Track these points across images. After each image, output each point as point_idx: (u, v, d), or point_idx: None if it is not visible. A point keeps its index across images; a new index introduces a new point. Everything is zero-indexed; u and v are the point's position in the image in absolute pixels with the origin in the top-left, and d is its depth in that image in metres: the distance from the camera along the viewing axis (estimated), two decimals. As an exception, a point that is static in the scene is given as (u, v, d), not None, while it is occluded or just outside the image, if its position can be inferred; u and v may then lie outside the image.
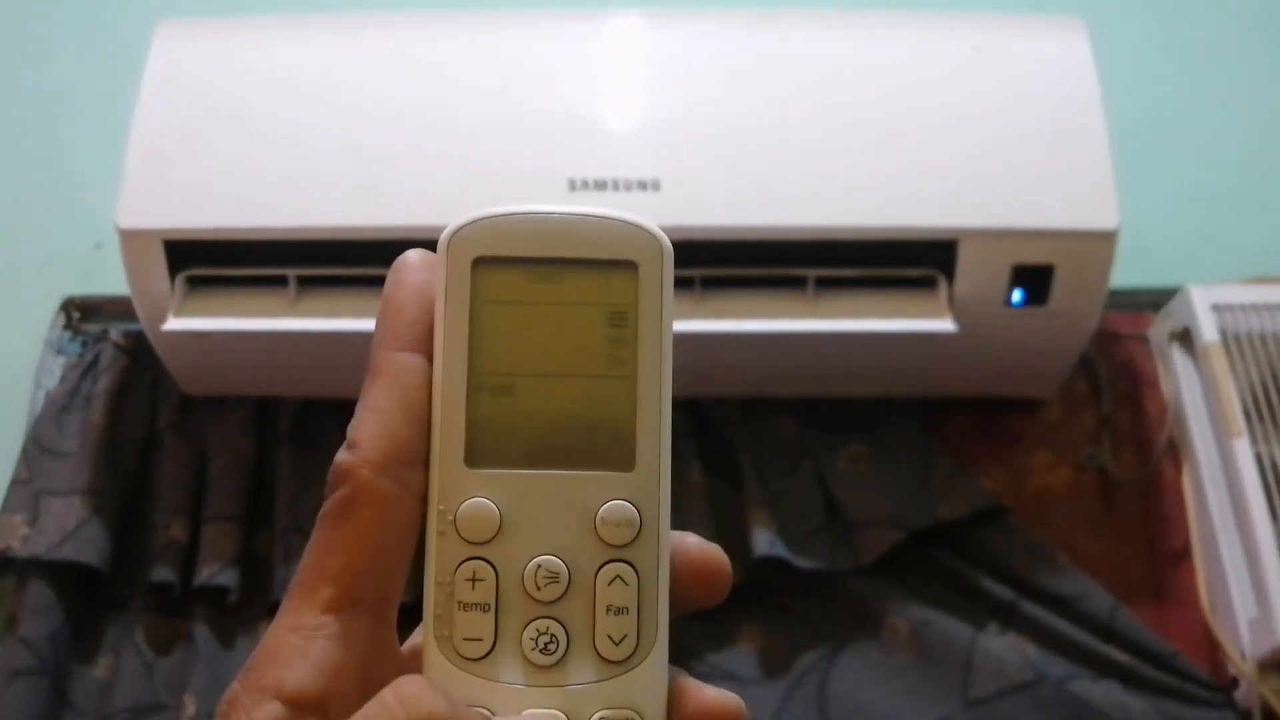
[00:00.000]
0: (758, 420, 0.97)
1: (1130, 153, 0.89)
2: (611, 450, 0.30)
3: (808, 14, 0.93)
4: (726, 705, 0.30)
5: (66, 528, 0.90)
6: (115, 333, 1.00)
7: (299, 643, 0.28)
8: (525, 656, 0.29)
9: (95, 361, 0.99)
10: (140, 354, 0.99)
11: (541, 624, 0.29)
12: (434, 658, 0.29)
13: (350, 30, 0.93)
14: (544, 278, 0.30)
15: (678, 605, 0.30)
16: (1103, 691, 0.88)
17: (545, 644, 0.29)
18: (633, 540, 0.30)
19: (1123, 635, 0.90)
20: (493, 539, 0.29)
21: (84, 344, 1.01)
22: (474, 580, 0.29)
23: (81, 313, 1.03)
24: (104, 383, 0.97)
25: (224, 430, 0.96)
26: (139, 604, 0.91)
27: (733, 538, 0.92)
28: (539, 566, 0.29)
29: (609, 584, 0.29)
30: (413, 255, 0.31)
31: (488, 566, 0.29)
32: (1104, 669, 0.89)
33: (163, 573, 0.90)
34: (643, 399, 0.30)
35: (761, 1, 1.16)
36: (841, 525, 0.93)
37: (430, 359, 0.30)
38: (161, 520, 0.92)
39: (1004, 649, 0.89)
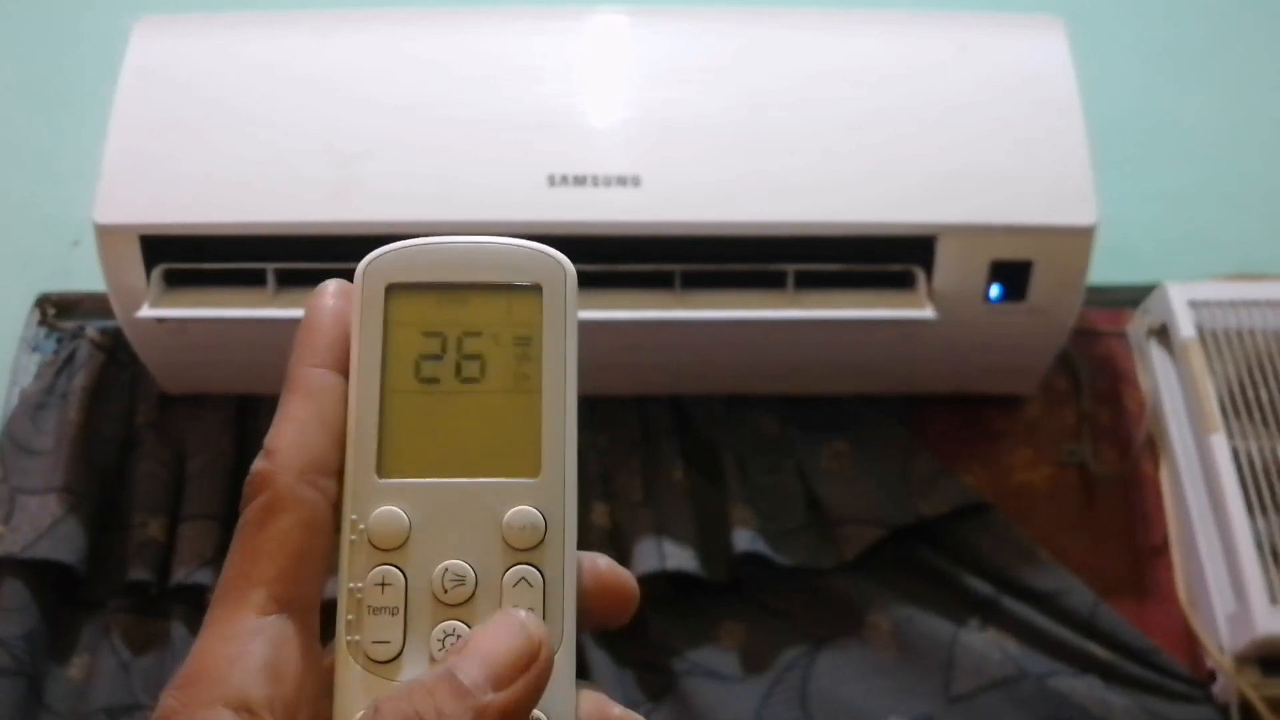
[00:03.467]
0: (740, 418, 0.97)
1: (1109, 150, 0.89)
2: (517, 459, 0.32)
3: (789, 12, 0.93)
4: None
5: (42, 526, 0.90)
6: (92, 330, 0.99)
7: (235, 650, 0.28)
8: (433, 657, 0.30)
9: (71, 358, 0.98)
10: (117, 351, 0.98)
11: (448, 625, 0.31)
12: (344, 662, 0.30)
13: (329, 26, 0.93)
14: (453, 301, 0.32)
15: (585, 619, 0.32)
16: (1083, 687, 0.88)
17: (452, 644, 0.30)
18: (538, 544, 0.31)
19: (1103, 631, 0.90)
20: (402, 546, 0.31)
21: (60, 341, 1.00)
22: (383, 585, 0.31)
23: (57, 309, 1.02)
24: (80, 380, 0.96)
25: (203, 429, 0.95)
26: (116, 603, 0.90)
27: (714, 535, 0.92)
28: (446, 570, 0.31)
29: (514, 586, 0.31)
30: (331, 284, 0.33)
31: (397, 572, 0.31)
32: (1084, 665, 0.89)
33: (140, 572, 0.89)
34: (547, 411, 0.32)
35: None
36: (823, 522, 0.93)
37: (346, 377, 0.32)
38: (139, 519, 0.91)
39: (985, 645, 0.89)
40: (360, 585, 0.31)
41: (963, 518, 0.94)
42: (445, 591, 0.30)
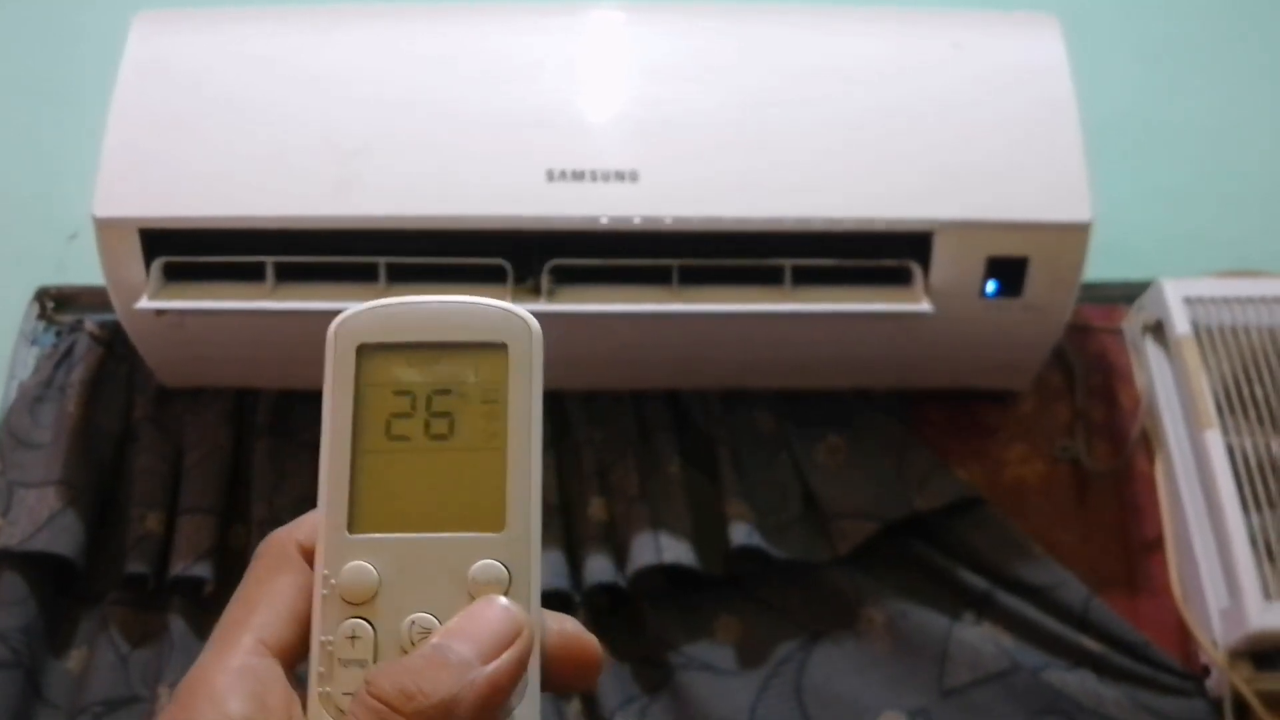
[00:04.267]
0: (737, 413, 0.97)
1: (1105, 147, 0.90)
2: (483, 514, 0.32)
3: (786, 9, 0.93)
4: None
5: (40, 519, 0.90)
6: (90, 323, 0.99)
7: (228, 679, 0.31)
8: None
9: (70, 352, 0.98)
10: (116, 345, 0.98)
11: None
12: (316, 712, 0.32)
13: (329, 21, 0.93)
14: (422, 360, 0.33)
15: (550, 679, 0.32)
16: (1076, 680, 0.88)
17: None
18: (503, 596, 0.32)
19: (1096, 625, 0.90)
20: (371, 599, 0.32)
21: (58, 334, 1.00)
22: (353, 638, 0.32)
23: (56, 303, 1.02)
24: (78, 373, 0.97)
25: (201, 422, 0.95)
26: (113, 596, 0.91)
27: (710, 529, 0.92)
28: (413, 623, 0.32)
29: None
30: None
31: (366, 625, 0.32)
32: (1078, 658, 0.90)
33: (137, 565, 0.89)
34: (512, 467, 0.33)
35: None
36: (818, 517, 0.93)
37: None
38: (137, 512, 0.91)
39: (979, 639, 0.90)
40: (331, 638, 0.32)
41: (957, 512, 0.94)
42: (413, 644, 0.31)
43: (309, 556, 0.33)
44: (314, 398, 0.99)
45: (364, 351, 0.33)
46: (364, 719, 0.29)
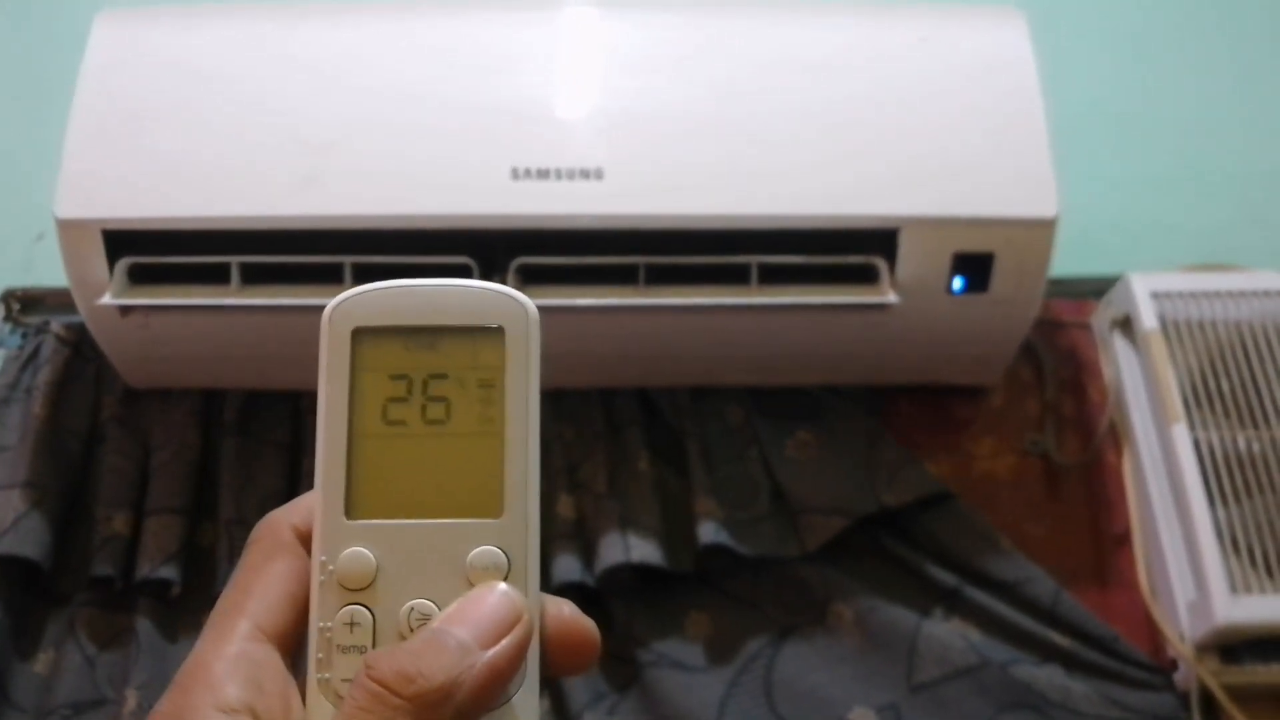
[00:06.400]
0: (706, 408, 0.97)
1: (1073, 142, 0.90)
2: (481, 500, 0.32)
3: (752, 4, 0.93)
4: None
5: (5, 522, 0.89)
6: (57, 325, 0.99)
7: (225, 665, 0.31)
8: None
9: (36, 353, 0.98)
10: (83, 346, 0.98)
11: None
12: (315, 699, 0.31)
13: (293, 18, 0.92)
14: (419, 345, 0.33)
15: (548, 663, 0.32)
16: (1045, 675, 0.89)
17: None
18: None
19: (1065, 620, 0.91)
20: (369, 586, 0.32)
21: (24, 336, 1.00)
22: (352, 624, 0.32)
23: (22, 304, 1.02)
24: (45, 375, 0.96)
25: (168, 422, 0.95)
26: (81, 598, 0.90)
27: (680, 525, 0.92)
28: (411, 609, 0.32)
29: None
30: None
31: (365, 611, 0.32)
32: (1046, 653, 0.90)
33: (104, 566, 0.89)
34: (510, 452, 0.32)
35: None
36: (787, 512, 0.93)
37: None
38: (104, 513, 0.91)
39: (948, 634, 0.90)
40: (329, 625, 0.32)
41: (927, 507, 0.94)
42: (411, 630, 0.31)
43: (305, 540, 0.33)
44: (280, 398, 0.98)
45: (359, 335, 0.33)
46: (363, 702, 0.29)
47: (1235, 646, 0.87)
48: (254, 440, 0.95)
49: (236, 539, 0.90)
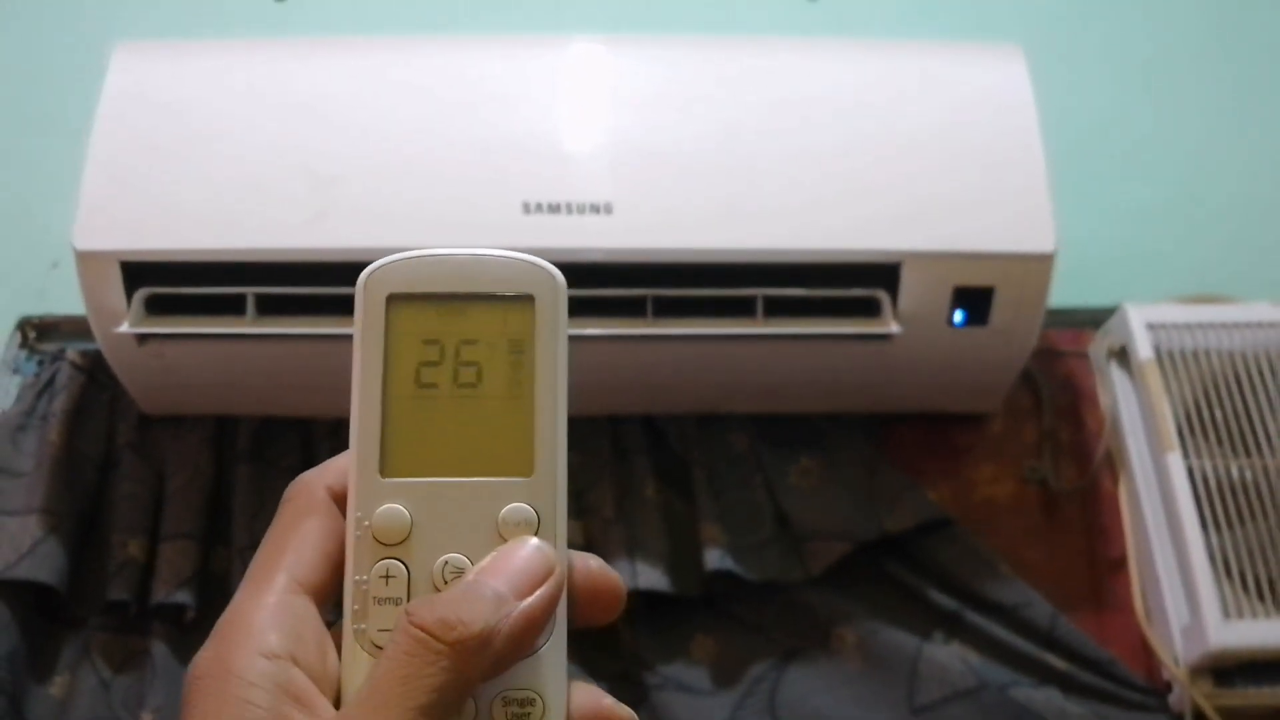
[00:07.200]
0: (711, 436, 0.99)
1: (1071, 173, 0.92)
2: (512, 460, 0.34)
3: (758, 41, 0.95)
4: (622, 715, 0.34)
5: (22, 547, 0.91)
6: (72, 352, 1.00)
7: (264, 614, 0.32)
8: None
9: (51, 381, 0.99)
10: (98, 373, 0.99)
11: None
12: (351, 649, 0.33)
13: (308, 51, 0.94)
14: (451, 311, 0.34)
15: (574, 615, 0.34)
16: (1043, 697, 0.90)
17: None
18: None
19: (1062, 643, 0.93)
20: (404, 541, 0.33)
21: (40, 363, 1.01)
22: (387, 577, 0.33)
23: (38, 332, 1.03)
24: (60, 402, 0.97)
25: (182, 448, 0.96)
26: (96, 622, 0.92)
27: (686, 550, 0.94)
28: (446, 563, 0.33)
29: None
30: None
31: (400, 565, 0.33)
32: (1044, 676, 0.92)
33: (120, 591, 0.90)
34: (539, 414, 0.34)
35: (714, 28, 1.19)
36: (791, 538, 0.95)
37: None
38: (118, 539, 0.92)
39: (948, 657, 0.92)
40: (365, 578, 0.33)
41: (927, 532, 0.96)
42: (445, 583, 0.33)
43: (338, 500, 0.34)
44: (293, 425, 1.00)
45: (393, 301, 0.34)
46: (407, 646, 0.30)
47: (1228, 670, 0.89)
48: (267, 466, 0.96)
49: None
